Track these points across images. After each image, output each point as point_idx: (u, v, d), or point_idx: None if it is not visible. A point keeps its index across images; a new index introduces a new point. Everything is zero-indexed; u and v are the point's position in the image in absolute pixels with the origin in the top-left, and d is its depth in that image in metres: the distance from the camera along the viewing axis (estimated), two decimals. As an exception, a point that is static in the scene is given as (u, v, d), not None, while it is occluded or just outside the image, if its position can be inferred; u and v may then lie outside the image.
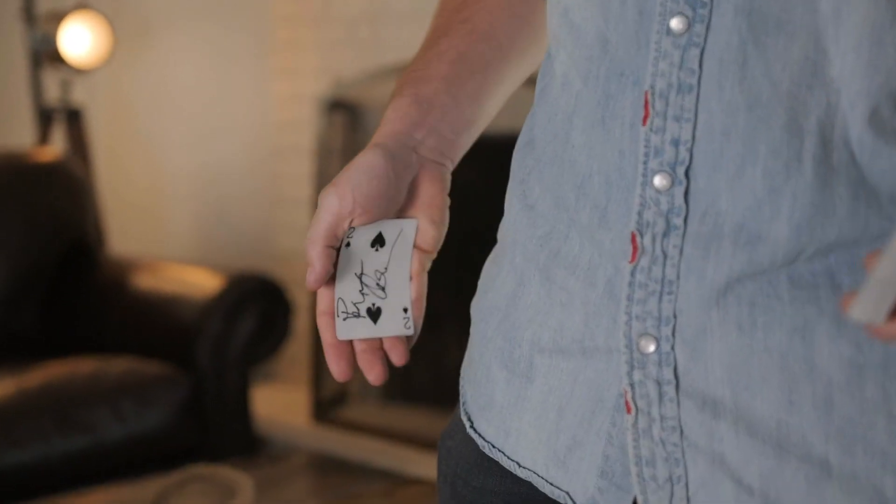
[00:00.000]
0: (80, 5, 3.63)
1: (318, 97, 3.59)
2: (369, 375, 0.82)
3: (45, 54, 3.65)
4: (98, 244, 3.50)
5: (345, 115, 3.60)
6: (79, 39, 3.61)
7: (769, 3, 0.67)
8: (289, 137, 3.83)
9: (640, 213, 0.72)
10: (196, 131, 4.13)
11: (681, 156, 0.70)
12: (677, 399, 0.73)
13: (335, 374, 0.81)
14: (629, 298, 0.73)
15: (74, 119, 3.73)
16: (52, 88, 3.82)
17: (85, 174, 3.52)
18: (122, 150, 4.31)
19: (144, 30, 4.19)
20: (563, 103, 0.78)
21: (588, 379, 0.77)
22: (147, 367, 3.03)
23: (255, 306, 3.16)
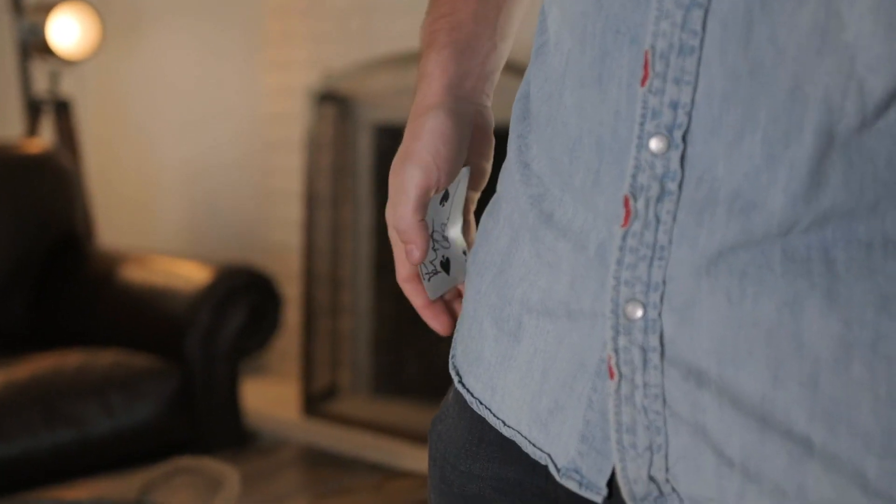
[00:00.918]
0: None
1: (308, 89, 3.57)
2: (437, 327, 0.88)
3: (33, 45, 3.64)
4: (86, 236, 3.49)
5: (335, 107, 3.59)
6: (67, 30, 3.60)
7: None
8: (279, 130, 3.82)
9: (634, 177, 0.70)
10: (186, 124, 4.12)
11: (679, 119, 0.68)
12: (662, 367, 0.71)
13: (440, 330, 0.88)
14: (619, 263, 0.71)
15: (63, 111, 3.72)
16: (41, 80, 3.81)
17: (73, 166, 3.51)
18: (112, 142, 4.29)
19: (134, 21, 4.17)
20: (556, 63, 0.77)
21: (572, 343, 0.76)
22: (135, 360, 3.02)
23: (244, 299, 3.15)
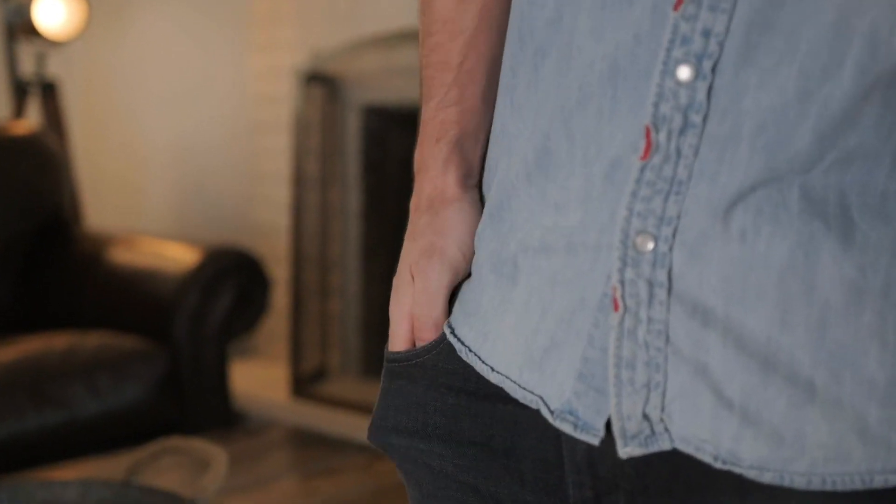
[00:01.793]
0: None
1: (296, 70, 3.56)
2: None
3: (19, 27, 3.62)
4: (74, 218, 3.47)
5: (323, 88, 3.58)
6: (53, 11, 3.58)
7: None
8: (267, 111, 3.80)
9: (655, 106, 0.68)
10: (173, 105, 4.10)
11: (710, 49, 0.66)
12: (668, 303, 0.69)
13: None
14: (633, 195, 0.69)
15: (49, 92, 3.70)
16: (27, 61, 3.79)
17: (60, 148, 3.49)
18: (98, 124, 4.28)
19: (120, 2, 4.15)
20: None
21: (569, 278, 0.74)
22: (123, 342, 3.01)
23: (232, 281, 3.14)
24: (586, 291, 0.73)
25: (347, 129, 3.64)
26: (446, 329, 0.83)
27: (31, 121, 3.69)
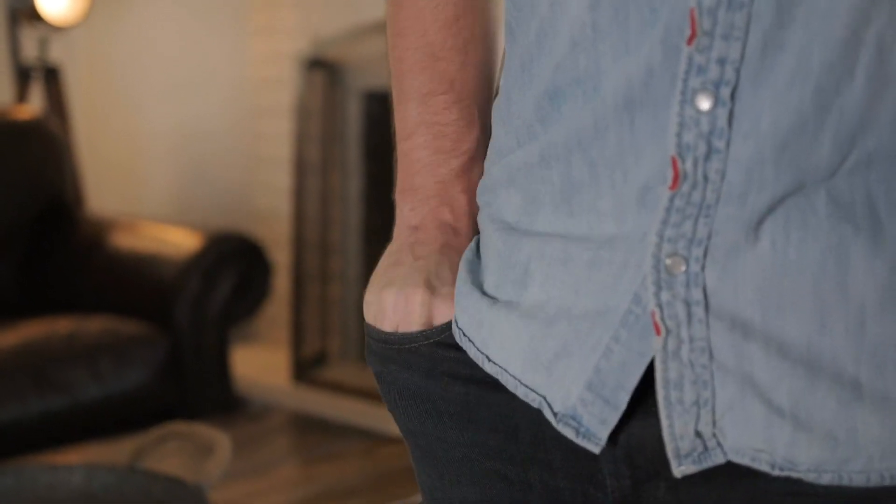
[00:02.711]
0: None
1: (297, 55, 3.56)
2: None
3: (22, 12, 3.62)
4: (76, 203, 3.48)
5: (324, 73, 3.58)
6: (55, -3, 3.57)
7: None
8: (268, 96, 3.81)
9: (678, 136, 0.69)
10: (174, 90, 4.11)
11: (727, 76, 0.67)
12: (707, 320, 0.70)
13: None
14: (664, 222, 0.70)
15: (52, 77, 3.70)
16: (30, 46, 3.79)
17: (63, 133, 3.50)
18: (101, 109, 4.28)
19: (122, -13, 4.16)
20: (576, 36, 0.73)
21: (592, 291, 0.74)
22: (125, 327, 3.02)
23: (234, 266, 3.16)
24: (609, 305, 0.73)
25: (348, 115, 3.65)
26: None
27: (34, 106, 3.70)
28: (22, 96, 3.72)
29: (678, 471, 0.72)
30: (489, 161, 0.84)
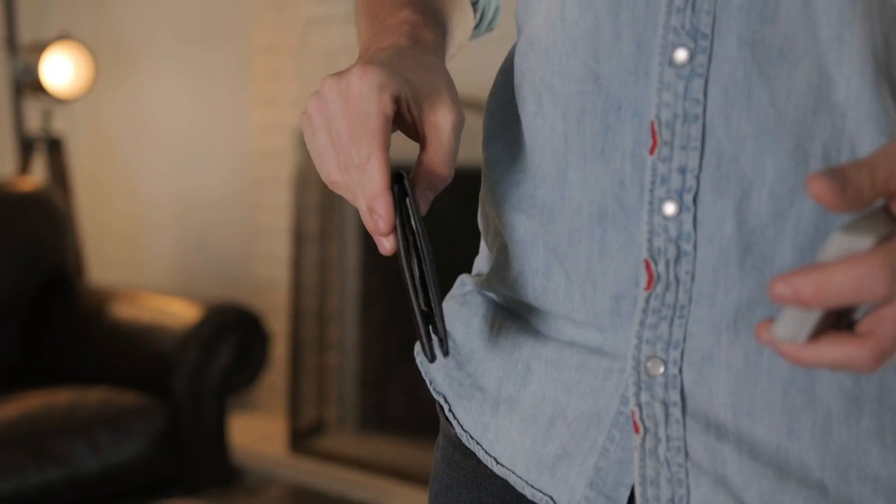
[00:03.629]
0: (63, 35, 3.66)
1: (295, 127, 3.61)
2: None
3: (26, 84, 3.67)
4: (77, 273, 3.52)
5: (323, 146, 3.62)
6: (60, 69, 3.63)
7: (771, 34, 0.69)
8: (267, 167, 3.85)
9: (650, 241, 0.73)
10: (176, 160, 4.15)
11: (688, 183, 0.71)
12: (683, 421, 0.74)
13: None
14: (641, 323, 0.74)
15: (55, 148, 3.75)
16: (34, 118, 3.84)
17: (65, 203, 3.54)
18: (103, 179, 4.32)
19: (125, 59, 4.21)
20: (553, 145, 0.78)
21: (584, 392, 0.78)
22: (124, 398, 3.04)
23: (232, 337, 3.18)
24: (601, 407, 0.77)
25: (346, 186, 3.68)
26: (440, 399, 0.87)
27: (37, 176, 3.74)
28: (25, 167, 3.76)
29: None
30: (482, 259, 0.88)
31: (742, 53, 0.69)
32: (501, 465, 0.83)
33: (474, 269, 0.93)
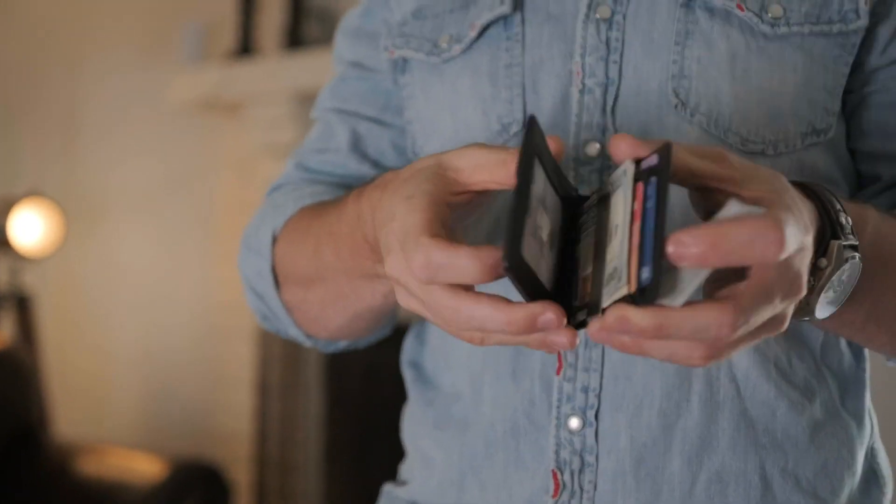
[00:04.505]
0: (32, 192, 3.68)
1: (259, 284, 3.65)
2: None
3: (-5, 242, 3.69)
4: (42, 429, 3.53)
5: (286, 301, 3.65)
6: (30, 227, 3.63)
7: None
8: (231, 319, 3.90)
9: (556, 453, 0.80)
10: (142, 313, 4.19)
11: (590, 400, 0.79)
12: None
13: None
14: None
15: (23, 305, 3.75)
16: (2, 274, 3.87)
17: (32, 361, 3.56)
18: (70, 334, 4.35)
19: (94, 212, 4.27)
20: (474, 364, 0.86)
21: None
22: (88, 559, 3.05)
23: (196, 493, 3.20)
24: None
25: (309, 339, 3.70)
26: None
27: (4, 333, 3.75)
28: (-7, 323, 3.77)
29: None
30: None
31: None
32: None
33: (399, 476, 1.00)
